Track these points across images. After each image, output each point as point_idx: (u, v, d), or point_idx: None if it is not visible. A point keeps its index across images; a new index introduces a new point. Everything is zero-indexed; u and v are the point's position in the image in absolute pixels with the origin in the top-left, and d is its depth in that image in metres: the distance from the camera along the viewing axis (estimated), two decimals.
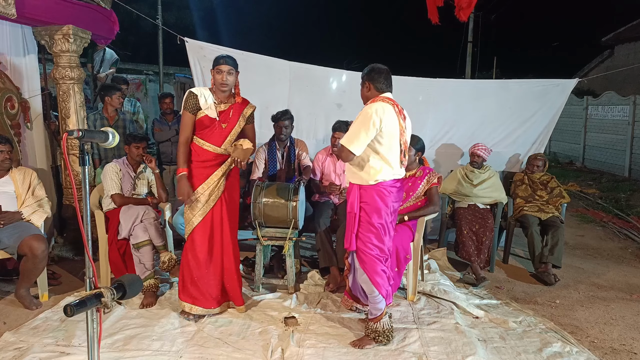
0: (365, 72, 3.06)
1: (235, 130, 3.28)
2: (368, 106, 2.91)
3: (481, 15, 17.49)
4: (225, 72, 3.17)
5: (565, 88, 5.11)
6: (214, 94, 3.26)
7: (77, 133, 1.60)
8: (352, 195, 3.01)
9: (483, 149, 4.66)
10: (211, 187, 3.26)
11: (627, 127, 10.59)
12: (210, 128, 3.23)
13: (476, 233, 4.30)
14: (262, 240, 3.76)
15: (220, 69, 3.19)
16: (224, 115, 3.26)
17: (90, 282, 1.58)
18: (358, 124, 2.88)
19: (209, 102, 3.22)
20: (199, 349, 2.91)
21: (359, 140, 2.85)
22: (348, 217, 3.04)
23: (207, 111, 3.21)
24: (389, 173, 2.94)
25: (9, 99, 4.07)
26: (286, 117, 4.23)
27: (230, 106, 3.28)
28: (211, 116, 3.22)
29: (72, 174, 4.29)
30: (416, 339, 3.08)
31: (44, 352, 2.81)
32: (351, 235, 3.00)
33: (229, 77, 3.18)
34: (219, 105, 3.25)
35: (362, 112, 2.92)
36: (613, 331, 3.35)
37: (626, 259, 5.10)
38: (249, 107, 3.37)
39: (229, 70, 3.18)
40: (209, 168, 3.26)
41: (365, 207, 2.95)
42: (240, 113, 3.30)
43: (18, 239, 3.36)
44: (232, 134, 3.27)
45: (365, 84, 3.04)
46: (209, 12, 21.96)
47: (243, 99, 3.34)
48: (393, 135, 2.92)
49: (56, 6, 3.99)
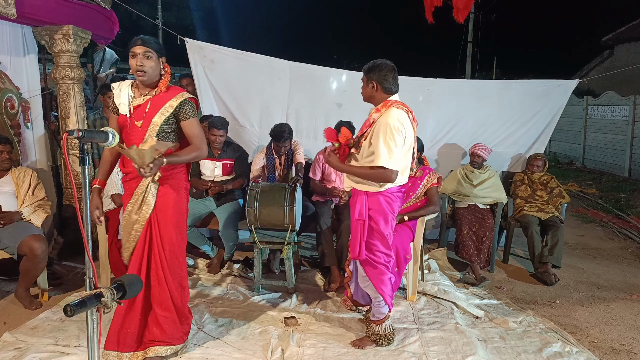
0: (370, 68, 2.81)
1: (152, 128, 2.57)
2: (388, 116, 2.69)
3: (481, 15, 17.50)
4: (140, 54, 2.51)
5: (567, 88, 5.11)
6: (134, 87, 2.66)
7: (77, 133, 1.60)
8: (358, 203, 2.85)
9: (483, 149, 4.67)
10: (135, 205, 2.63)
11: (627, 127, 10.59)
12: (126, 129, 2.62)
13: (476, 233, 4.30)
14: (260, 244, 3.76)
15: (134, 51, 2.52)
16: (139, 110, 2.61)
17: (90, 282, 1.58)
18: (388, 139, 2.65)
19: (122, 96, 2.62)
20: (199, 349, 2.91)
21: (394, 155, 2.66)
22: (354, 225, 2.87)
23: (120, 107, 2.63)
24: (399, 180, 2.83)
25: (9, 99, 4.06)
26: (286, 137, 4.19)
27: (148, 99, 2.60)
28: (123, 113, 2.62)
29: (72, 174, 4.30)
30: (416, 339, 3.08)
31: (43, 352, 2.81)
32: (360, 243, 2.85)
33: (146, 62, 2.52)
34: (135, 99, 2.62)
35: (382, 124, 2.68)
36: (613, 331, 3.35)
37: (626, 259, 5.10)
38: (178, 97, 2.62)
39: (146, 53, 2.52)
40: (132, 181, 2.64)
41: (373, 215, 2.84)
42: (161, 105, 2.58)
43: (18, 239, 3.36)
44: (149, 134, 2.56)
45: (371, 82, 2.80)
46: (209, 12, 21.98)
47: (173, 87, 2.68)
48: (410, 145, 2.81)
49: (56, 6, 3.99)
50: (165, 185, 2.66)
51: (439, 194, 3.90)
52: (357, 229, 2.87)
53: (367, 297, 3.18)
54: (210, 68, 4.83)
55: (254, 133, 5.12)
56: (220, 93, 4.96)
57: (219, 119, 4.31)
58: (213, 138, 4.22)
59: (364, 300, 3.33)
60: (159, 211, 2.65)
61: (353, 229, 2.91)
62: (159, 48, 2.60)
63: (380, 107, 2.80)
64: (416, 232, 3.72)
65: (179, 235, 2.74)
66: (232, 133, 4.84)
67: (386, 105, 2.77)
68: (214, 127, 4.20)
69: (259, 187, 3.78)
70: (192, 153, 2.65)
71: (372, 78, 2.80)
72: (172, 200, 2.67)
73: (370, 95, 2.85)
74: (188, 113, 2.63)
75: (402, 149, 2.72)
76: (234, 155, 4.39)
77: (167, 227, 2.67)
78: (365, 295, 3.22)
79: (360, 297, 3.34)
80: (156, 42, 2.60)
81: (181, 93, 2.64)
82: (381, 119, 2.73)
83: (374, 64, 2.81)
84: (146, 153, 2.33)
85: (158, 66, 2.59)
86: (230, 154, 4.38)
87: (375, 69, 2.79)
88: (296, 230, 3.76)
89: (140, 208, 2.62)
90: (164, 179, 2.65)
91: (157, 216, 2.65)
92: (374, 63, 2.82)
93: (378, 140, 2.69)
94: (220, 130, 4.21)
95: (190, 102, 2.66)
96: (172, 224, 2.68)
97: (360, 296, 3.33)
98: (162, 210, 2.65)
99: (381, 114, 2.76)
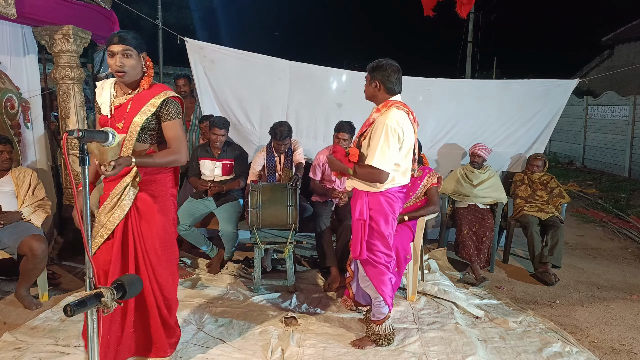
0: (375, 67, 2.79)
1: (133, 129, 2.39)
2: (387, 117, 2.69)
3: (481, 15, 17.49)
4: (119, 53, 2.33)
5: (567, 88, 5.11)
6: (117, 86, 2.50)
7: (77, 133, 1.60)
8: (359, 203, 2.85)
9: (483, 149, 4.67)
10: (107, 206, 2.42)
11: (627, 127, 10.59)
12: None
13: (476, 233, 4.30)
14: (261, 245, 3.76)
15: (111, 50, 2.34)
16: (120, 110, 2.44)
17: (90, 282, 1.58)
18: (382, 140, 2.66)
19: (104, 95, 2.46)
20: (199, 349, 2.91)
21: (387, 157, 2.67)
22: (355, 225, 2.87)
23: (102, 107, 2.48)
24: (399, 180, 2.85)
25: (9, 99, 4.06)
26: (285, 135, 4.19)
27: (129, 99, 2.44)
28: (104, 113, 2.47)
29: (72, 174, 4.27)
30: (416, 339, 3.07)
31: (43, 352, 2.80)
32: (361, 243, 2.84)
33: (125, 61, 2.35)
34: (117, 98, 2.47)
35: (380, 124, 2.69)
36: (613, 331, 3.35)
37: (626, 259, 5.10)
38: (161, 95, 2.42)
39: (124, 51, 2.34)
40: (112, 182, 2.44)
41: (373, 215, 2.84)
42: (143, 104, 2.40)
43: (18, 239, 3.36)
44: (129, 135, 2.39)
45: (375, 82, 2.78)
46: (209, 12, 21.96)
47: (157, 85, 2.51)
48: (410, 146, 2.83)
49: (56, 6, 3.99)
50: (148, 191, 2.45)
51: (439, 194, 3.90)
52: (358, 229, 2.87)
53: (367, 297, 3.18)
54: (210, 68, 4.83)
55: (254, 133, 5.12)
56: (220, 93, 4.95)
57: (220, 119, 4.32)
58: (214, 137, 4.22)
59: (365, 301, 3.34)
60: (142, 221, 2.43)
61: (354, 228, 2.91)
62: (139, 44, 2.40)
63: (381, 107, 2.80)
64: (416, 232, 3.72)
65: (167, 250, 2.51)
66: (232, 133, 4.84)
67: (387, 106, 2.77)
68: (215, 126, 4.20)
69: (259, 187, 3.78)
70: (168, 157, 2.41)
71: (375, 77, 2.79)
72: (157, 210, 2.46)
73: (372, 94, 2.85)
74: (171, 113, 2.43)
75: (396, 151, 2.72)
76: (233, 155, 4.38)
77: (152, 240, 2.45)
78: (365, 295, 3.22)
79: (361, 297, 3.34)
80: (135, 38, 2.39)
81: (165, 91, 2.46)
82: (380, 119, 2.73)
83: (378, 64, 2.80)
84: (109, 149, 2.05)
85: (139, 63, 2.41)
86: (230, 154, 4.38)
87: (379, 69, 2.78)
88: (297, 230, 3.77)
89: (112, 211, 2.40)
90: (145, 183, 2.43)
91: (140, 228, 2.43)
92: (379, 62, 2.80)
93: (374, 140, 2.71)
94: (222, 130, 4.21)
95: (174, 101, 2.45)
96: (158, 238, 2.46)
97: (360, 296, 3.33)
98: (147, 220, 2.44)
99: (381, 114, 2.77)
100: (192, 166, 4.42)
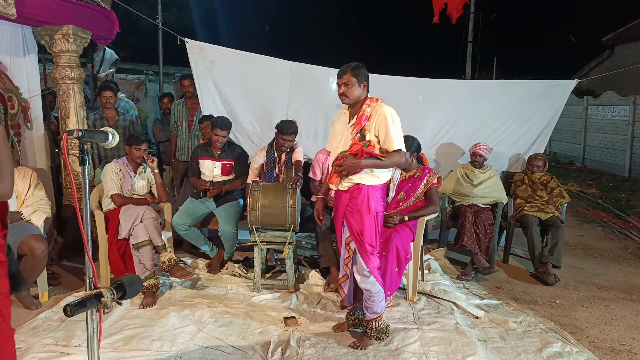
0: (358, 67, 2.85)
1: None
2: (383, 108, 2.83)
3: (481, 15, 17.47)
4: None
5: (566, 89, 5.12)
6: None
7: (77, 133, 1.60)
8: (366, 198, 2.86)
9: (484, 148, 4.66)
10: None
11: (627, 127, 10.59)
12: None
13: (476, 232, 4.30)
14: (261, 245, 3.76)
15: None
16: None
17: (90, 282, 1.58)
18: (393, 126, 2.80)
19: None
20: (199, 349, 2.91)
21: (402, 139, 2.87)
22: (368, 219, 2.86)
23: None
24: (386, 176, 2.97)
25: (9, 99, 4.06)
26: (292, 131, 4.19)
27: None
28: None
29: (72, 174, 4.30)
30: (416, 339, 3.07)
31: (43, 352, 2.81)
32: (377, 236, 2.90)
33: None
34: None
35: (381, 115, 2.80)
36: (613, 331, 3.35)
37: (626, 259, 5.10)
38: None
39: None
40: None
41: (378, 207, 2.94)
42: None
43: (18, 239, 3.36)
44: None
45: (363, 83, 2.86)
46: (209, 12, 21.93)
47: None
48: None
49: (56, 6, 3.99)
50: None
51: (438, 194, 3.90)
52: (372, 223, 2.88)
53: (351, 297, 3.22)
54: (210, 68, 4.83)
55: (254, 133, 5.12)
56: (220, 93, 4.95)
57: (222, 119, 4.30)
58: (215, 138, 4.22)
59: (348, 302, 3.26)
60: None
61: (367, 224, 2.87)
62: None
63: (369, 102, 2.87)
64: (416, 232, 3.72)
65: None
66: (232, 133, 4.84)
67: (373, 100, 2.88)
68: (217, 127, 4.20)
69: (260, 187, 3.78)
70: None
71: (364, 78, 2.86)
72: None
73: (359, 95, 2.88)
74: None
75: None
76: (234, 156, 4.38)
77: None
78: (349, 297, 3.22)
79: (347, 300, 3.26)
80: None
81: None
82: (379, 111, 2.82)
83: (357, 64, 2.86)
84: None
85: None
86: (230, 154, 4.38)
87: (362, 68, 2.86)
88: (297, 230, 3.77)
89: None
90: None
91: None
92: (357, 64, 2.87)
93: (386, 128, 2.80)
94: (224, 131, 4.21)
95: None
96: None
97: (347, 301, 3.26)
98: None
99: (373, 107, 2.85)
100: (192, 166, 4.42)
